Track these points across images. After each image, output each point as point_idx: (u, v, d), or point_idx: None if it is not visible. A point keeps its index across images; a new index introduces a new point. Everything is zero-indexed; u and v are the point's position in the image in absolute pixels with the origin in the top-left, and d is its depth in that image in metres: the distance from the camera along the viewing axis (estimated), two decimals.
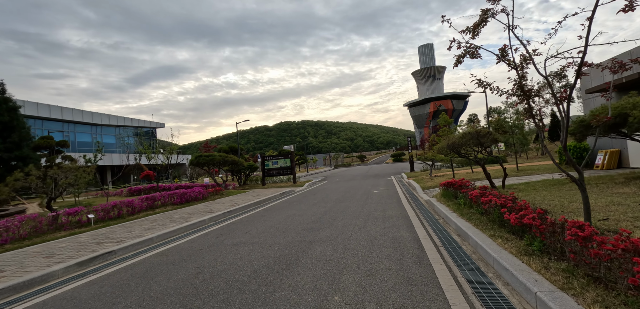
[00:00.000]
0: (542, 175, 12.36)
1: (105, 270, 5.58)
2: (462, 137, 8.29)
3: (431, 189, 12.61)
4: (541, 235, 3.99)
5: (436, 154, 15.27)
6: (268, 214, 10.36)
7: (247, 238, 7.00)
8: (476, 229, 5.41)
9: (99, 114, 45.70)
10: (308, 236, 6.74)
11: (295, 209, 10.95)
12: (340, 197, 13.35)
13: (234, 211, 11.43)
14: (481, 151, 8.44)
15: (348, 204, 10.96)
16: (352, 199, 12.42)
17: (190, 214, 10.85)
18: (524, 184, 9.38)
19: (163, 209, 12.27)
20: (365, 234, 6.43)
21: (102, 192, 24.02)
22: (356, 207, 10.12)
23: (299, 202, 12.85)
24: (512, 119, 16.30)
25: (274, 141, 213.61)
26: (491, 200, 5.82)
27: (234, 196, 16.54)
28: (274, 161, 24.23)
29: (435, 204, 8.58)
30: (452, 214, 6.97)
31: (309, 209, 10.52)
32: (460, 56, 6.01)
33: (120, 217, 10.61)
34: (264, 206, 12.50)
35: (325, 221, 8.18)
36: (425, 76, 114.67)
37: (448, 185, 8.98)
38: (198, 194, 14.77)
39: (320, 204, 11.69)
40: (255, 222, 8.90)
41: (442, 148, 8.96)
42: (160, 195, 12.84)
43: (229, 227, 8.62)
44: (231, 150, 35.22)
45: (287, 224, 8.18)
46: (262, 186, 23.27)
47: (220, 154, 18.43)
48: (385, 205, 10.16)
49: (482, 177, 13.66)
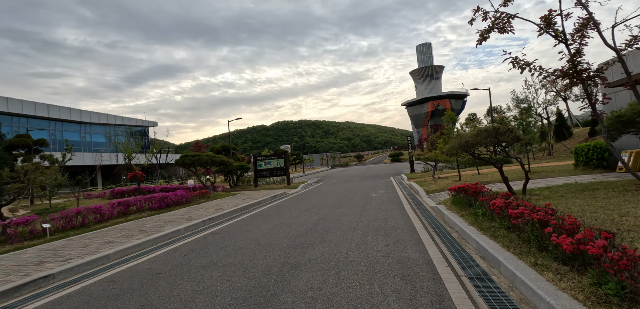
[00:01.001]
0: (560, 178, 11.18)
1: (27, 306, 4.31)
2: (476, 135, 7.08)
3: (436, 194, 11.41)
4: (618, 273, 2.77)
5: (440, 154, 14.13)
6: (253, 222, 9.11)
7: (221, 257, 5.74)
8: (508, 253, 4.19)
9: (88, 112, 44.18)
10: (294, 255, 5.50)
11: (285, 216, 9.70)
12: (335, 201, 12.11)
13: (217, 219, 10.16)
14: (499, 151, 7.24)
15: (344, 211, 9.73)
16: (349, 204, 11.19)
17: (166, 222, 9.57)
18: (546, 190, 8.17)
19: (138, 215, 10.98)
20: (364, 255, 5.19)
21: (83, 195, 22.65)
22: (353, 215, 8.89)
23: (291, 207, 11.61)
24: (520, 118, 15.12)
25: (272, 140, 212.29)
26: (523, 213, 4.60)
27: (221, 199, 15.27)
28: (267, 161, 22.97)
29: (445, 213, 7.36)
30: (468, 227, 5.74)
31: (300, 217, 9.27)
32: (485, 32, 4.79)
33: (84, 226, 9.32)
34: (251, 212, 11.24)
35: (316, 234, 6.94)
36: (423, 75, 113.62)
37: (459, 190, 7.77)
38: (180, 198, 13.48)
39: (314, 210, 10.45)
40: (236, 234, 7.64)
41: (453, 147, 7.74)
42: (135, 200, 11.54)
43: (205, 240, 7.36)
44: (224, 150, 33.90)
45: (271, 238, 6.93)
46: (255, 187, 22.01)
47: (208, 154, 17.14)
48: (386, 212, 8.94)
49: (492, 179, 12.47)
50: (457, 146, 7.71)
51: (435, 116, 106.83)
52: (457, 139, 7.57)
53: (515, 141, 6.81)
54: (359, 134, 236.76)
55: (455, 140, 7.66)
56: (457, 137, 7.66)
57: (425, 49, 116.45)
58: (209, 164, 17.27)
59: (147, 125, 54.73)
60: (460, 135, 7.70)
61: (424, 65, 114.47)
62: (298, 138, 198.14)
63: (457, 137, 7.71)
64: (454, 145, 7.71)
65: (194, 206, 13.30)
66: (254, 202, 13.51)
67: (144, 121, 54.23)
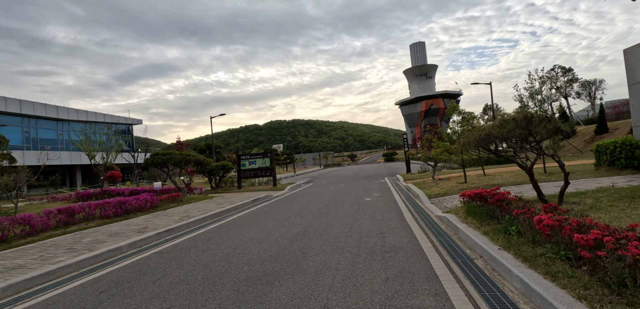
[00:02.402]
0: (586, 180, 9.61)
1: None
2: (501, 127, 5.39)
3: (440, 199, 9.74)
4: None
5: (444, 153, 12.53)
6: (218, 236, 7.31)
7: (146, 297, 3.96)
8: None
9: (66, 108, 41.72)
10: (251, 294, 3.74)
11: (258, 227, 7.92)
12: (323, 207, 10.36)
13: (176, 230, 8.34)
14: (532, 147, 5.57)
15: (332, 221, 7.99)
16: (338, 210, 9.45)
17: (111, 236, 7.73)
18: (584, 197, 6.49)
19: (83, 225, 9.09)
20: (353, 300, 3.46)
21: (47, 197, 20.52)
22: (342, 227, 7.15)
23: (270, 214, 9.83)
24: (538, 107, 13.53)
25: (264, 140, 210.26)
26: (602, 240, 2.92)
27: (194, 204, 13.41)
28: (252, 161, 21.12)
29: (459, 226, 5.67)
30: (501, 253, 4.05)
31: (276, 229, 7.51)
32: None
33: (3, 241, 7.41)
34: (222, 220, 9.43)
35: (291, 257, 5.19)
36: (417, 74, 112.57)
37: (475, 197, 6.08)
38: (143, 202, 11.59)
39: (295, 219, 8.69)
40: (187, 256, 5.84)
41: (468, 142, 6.04)
42: (81, 207, 9.64)
43: (144, 264, 5.55)
44: (208, 148, 31.95)
45: (229, 263, 5.16)
46: (238, 189, 20.15)
47: (182, 153, 15.25)
48: (382, 223, 7.22)
49: (503, 181, 10.83)
50: (475, 141, 6.01)
51: (428, 115, 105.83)
52: (475, 132, 5.87)
53: (555, 133, 5.15)
54: (352, 134, 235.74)
55: (472, 133, 5.96)
56: (475, 130, 5.96)
57: (418, 48, 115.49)
58: (184, 164, 15.38)
59: (131, 123, 52.30)
60: (476, 127, 6.00)
61: (418, 64, 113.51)
62: (291, 138, 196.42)
63: (474, 129, 6.01)
64: (470, 139, 6.02)
65: (159, 212, 11.43)
66: (230, 207, 11.70)
67: (127, 118, 51.80)
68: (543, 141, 5.74)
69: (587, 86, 37.24)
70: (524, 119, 5.20)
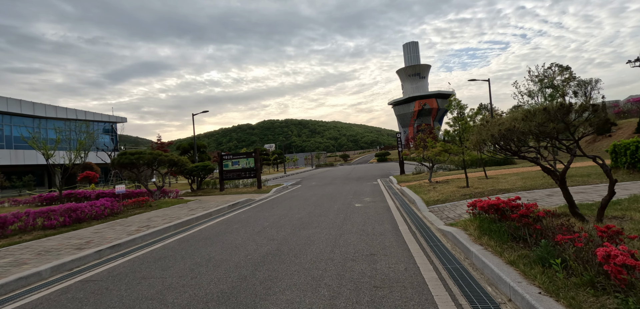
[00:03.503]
0: (604, 184, 8.42)
1: None
2: (526, 119, 4.10)
3: (440, 206, 8.45)
4: None
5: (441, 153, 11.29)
6: (171, 255, 5.89)
7: None
8: None
9: (43, 104, 39.64)
10: None
11: (223, 243, 6.52)
12: (305, 216, 8.99)
13: (126, 245, 6.90)
14: (569, 145, 4.29)
15: (312, 234, 6.63)
16: (322, 219, 8.10)
17: (40, 255, 6.25)
18: (630, 209, 5.20)
19: (15, 239, 7.56)
20: None
21: (9, 201, 18.76)
22: (324, 243, 5.80)
23: (243, 224, 8.42)
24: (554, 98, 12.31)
25: (257, 139, 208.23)
26: None
27: (162, 210, 11.92)
28: (235, 161, 19.64)
29: (473, 250, 4.36)
30: (547, 301, 2.73)
31: (244, 246, 6.12)
32: None
33: None
34: (185, 232, 8.00)
35: (248, 294, 3.82)
36: (410, 74, 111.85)
37: (490, 209, 4.78)
38: (99, 210, 10.08)
39: (271, 231, 7.31)
40: (116, 288, 4.42)
41: (484, 138, 4.73)
42: (15, 216, 8.10)
43: (55, 300, 4.12)
44: (192, 148, 30.26)
45: (163, 304, 3.76)
46: (220, 191, 18.67)
47: (152, 152, 13.73)
48: (373, 239, 5.88)
49: (509, 186, 9.57)
50: (491, 137, 4.70)
51: (421, 115, 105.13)
52: (493, 126, 4.55)
53: (604, 127, 3.86)
54: (345, 134, 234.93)
55: (487, 128, 4.65)
56: (492, 124, 4.64)
57: (412, 47, 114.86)
58: (156, 164, 13.86)
59: (114, 121, 50.25)
60: (495, 120, 4.68)
61: (411, 64, 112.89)
62: (284, 137, 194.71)
63: (492, 123, 4.68)
64: (485, 136, 4.71)
65: (118, 220, 9.93)
66: (202, 214, 10.27)
67: (111, 116, 49.74)
68: (584, 137, 4.46)
69: (583, 86, 36.48)
70: (559, 109, 3.90)
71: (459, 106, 9.90)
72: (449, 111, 9.97)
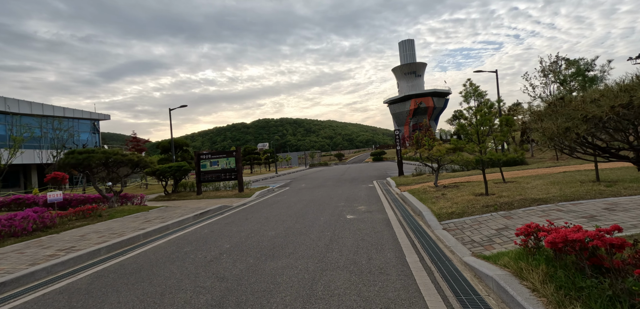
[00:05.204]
0: None
1: None
2: (627, 91, 2.08)
3: (457, 221, 6.40)
4: None
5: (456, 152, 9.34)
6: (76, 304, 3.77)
7: None
8: None
9: (16, 100, 37.07)
10: None
11: (150, 284, 4.41)
12: (282, 232, 6.89)
13: (9, 285, 4.75)
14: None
15: (282, 270, 4.54)
16: (302, 239, 6.00)
17: None
18: None
19: None
20: None
21: None
22: (293, 293, 3.72)
23: (198, 246, 6.30)
24: None
25: (252, 138, 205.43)
26: None
27: (113, 221, 9.75)
28: (214, 161, 17.47)
29: None
30: None
31: (174, 292, 4.02)
32: None
33: None
34: (115, 259, 5.86)
35: None
36: (406, 72, 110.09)
37: (572, 248, 2.74)
38: (19, 224, 7.88)
39: (225, 261, 5.20)
40: None
41: (552, 133, 2.69)
42: None
43: None
44: (177, 146, 28.02)
45: None
46: (197, 195, 16.51)
47: (106, 151, 11.53)
48: (369, 287, 3.82)
49: (539, 193, 7.51)
50: (558, 129, 2.65)
51: (417, 114, 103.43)
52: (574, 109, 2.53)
53: None
54: (340, 133, 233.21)
55: (583, 106, 2.61)
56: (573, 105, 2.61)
57: (407, 45, 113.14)
58: (113, 165, 11.67)
59: (96, 118, 47.69)
60: (572, 101, 2.66)
61: (407, 62, 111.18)
62: (279, 136, 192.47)
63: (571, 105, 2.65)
64: (560, 125, 2.68)
65: (43, 238, 7.76)
66: (157, 228, 8.13)
67: (92, 113, 47.14)
68: None
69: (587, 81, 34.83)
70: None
71: (477, 93, 7.86)
72: (464, 99, 7.91)
